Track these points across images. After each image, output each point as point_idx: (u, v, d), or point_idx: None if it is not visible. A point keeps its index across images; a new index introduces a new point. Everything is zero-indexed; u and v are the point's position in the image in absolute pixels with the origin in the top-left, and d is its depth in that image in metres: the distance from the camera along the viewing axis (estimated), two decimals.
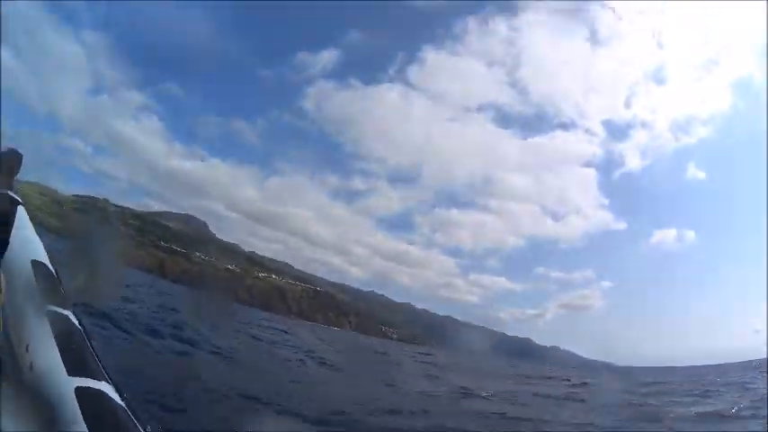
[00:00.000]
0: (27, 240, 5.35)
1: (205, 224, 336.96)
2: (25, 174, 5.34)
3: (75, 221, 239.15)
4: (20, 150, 4.89)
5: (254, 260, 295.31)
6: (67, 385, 3.35)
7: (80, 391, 3.32)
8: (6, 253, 4.69)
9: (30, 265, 4.84)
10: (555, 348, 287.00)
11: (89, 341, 4.13)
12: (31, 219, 5.70)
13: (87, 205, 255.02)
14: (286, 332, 52.41)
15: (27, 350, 3.88)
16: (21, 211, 5.45)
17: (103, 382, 3.48)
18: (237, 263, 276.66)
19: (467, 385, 26.95)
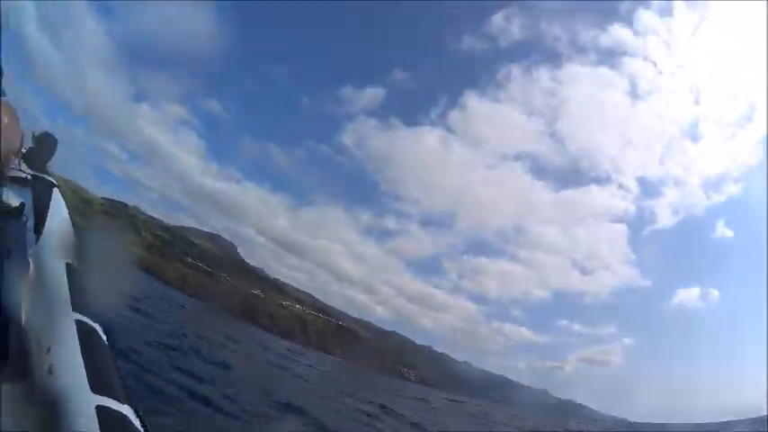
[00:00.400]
0: (63, 237, 5.03)
1: (233, 246, 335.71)
2: (55, 167, 5.22)
3: (101, 223, 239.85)
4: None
5: (279, 287, 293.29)
6: (89, 402, 3.21)
7: (101, 411, 3.15)
8: (40, 241, 4.41)
9: (64, 265, 4.55)
10: (570, 402, 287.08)
11: (114, 360, 3.89)
12: None
13: (116, 209, 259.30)
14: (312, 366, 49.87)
15: (48, 352, 3.63)
16: (57, 195, 5.27)
17: (126, 406, 3.36)
18: (262, 288, 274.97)
19: None
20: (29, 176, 4.40)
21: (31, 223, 3.69)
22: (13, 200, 1.59)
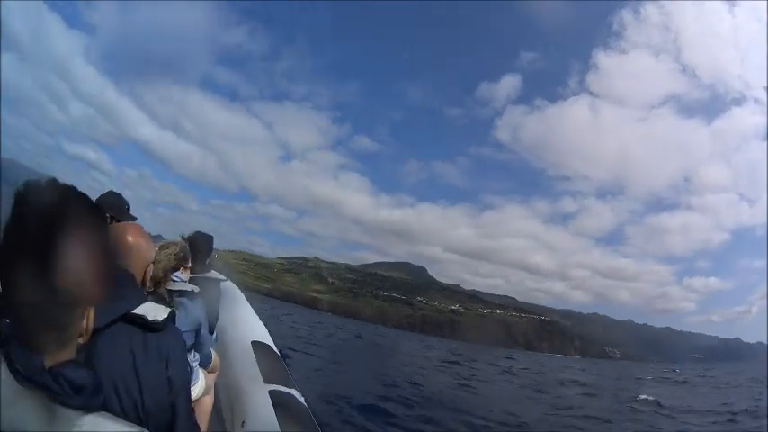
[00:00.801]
0: (244, 319, 6.07)
1: (423, 269, 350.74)
2: (224, 244, 5.30)
3: (284, 282, 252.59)
4: (210, 233, 5.17)
5: (477, 297, 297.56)
6: None
7: None
8: (221, 333, 5.27)
9: (249, 345, 5.38)
10: (759, 344, 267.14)
11: (315, 419, 4.37)
12: (237, 284, 6.51)
13: (297, 265, 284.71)
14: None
15: (243, 426, 4.16)
16: (232, 289, 6.29)
17: None
18: (461, 302, 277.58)
19: None
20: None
21: (207, 333, 3.99)
22: (161, 312, 1.71)
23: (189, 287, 3.90)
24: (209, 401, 4.28)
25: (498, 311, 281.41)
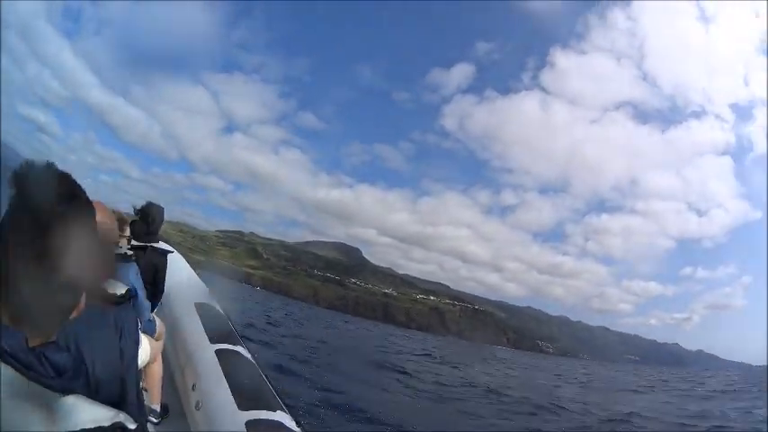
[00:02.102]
0: (188, 285, 6.18)
1: (358, 250, 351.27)
2: (166, 214, 5.50)
3: (219, 255, 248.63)
4: (158, 202, 5.23)
5: (410, 283, 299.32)
6: (237, 419, 3.55)
7: (252, 424, 3.47)
8: (166, 299, 5.34)
9: (193, 307, 5.52)
10: (699, 352, 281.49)
11: (263, 373, 4.51)
12: None
13: (232, 239, 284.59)
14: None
15: (193, 389, 4.28)
16: (176, 257, 6.31)
17: (279, 412, 3.76)
18: (394, 286, 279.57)
19: None
20: (142, 249, 4.65)
21: (143, 299, 3.95)
22: (120, 287, 1.64)
23: (122, 251, 3.94)
24: (157, 368, 4.24)
25: (432, 298, 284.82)
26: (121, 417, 0.99)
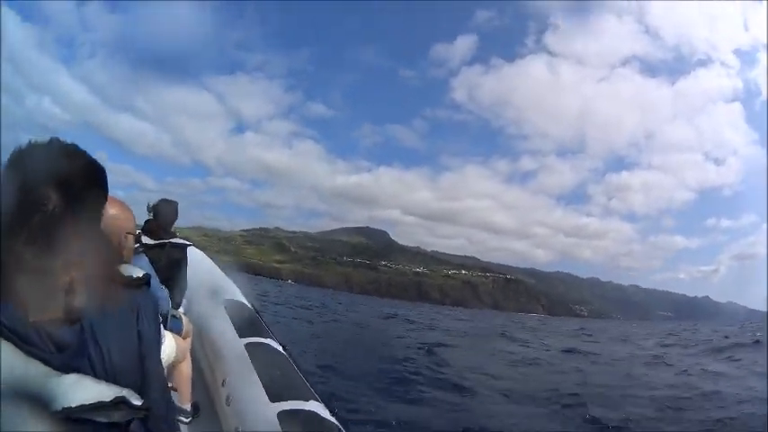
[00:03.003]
0: (212, 281, 6.18)
1: (384, 232, 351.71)
2: (182, 221, 5.52)
3: (246, 254, 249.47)
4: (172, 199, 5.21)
5: (439, 259, 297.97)
6: (268, 411, 3.58)
7: (284, 415, 3.48)
8: (191, 297, 5.36)
9: (220, 303, 5.51)
10: (731, 303, 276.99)
11: (294, 364, 4.48)
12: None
13: (257, 237, 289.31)
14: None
15: (223, 385, 4.28)
16: (197, 253, 6.38)
17: (312, 402, 3.75)
18: (424, 264, 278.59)
19: None
20: (160, 247, 4.69)
21: (158, 287, 3.87)
22: (137, 272, 1.68)
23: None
24: (186, 368, 4.31)
25: (463, 272, 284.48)
26: (125, 393, 0.99)
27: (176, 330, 4.04)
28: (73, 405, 0.89)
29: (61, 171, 0.96)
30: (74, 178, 0.95)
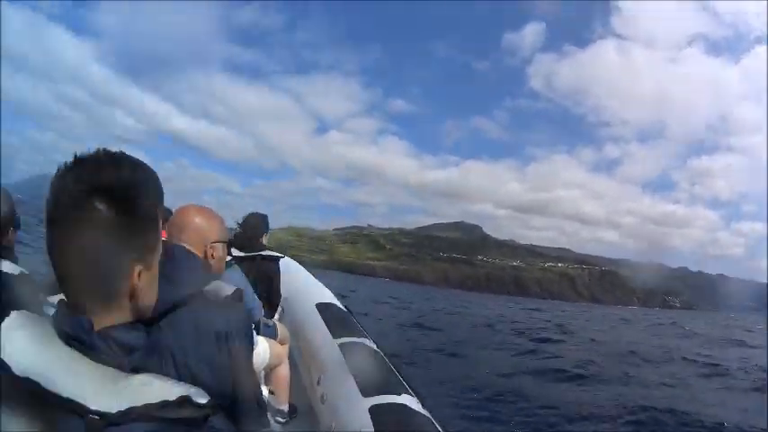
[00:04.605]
0: (305, 286, 6.35)
1: (478, 227, 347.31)
2: (274, 222, 5.81)
3: (341, 252, 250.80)
4: (266, 212, 5.29)
5: (535, 252, 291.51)
6: (360, 406, 3.66)
7: (376, 409, 3.57)
8: (286, 304, 5.50)
9: (314, 307, 5.60)
10: None
11: (388, 361, 4.56)
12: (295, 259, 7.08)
13: (352, 235, 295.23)
14: None
15: (318, 383, 4.45)
16: (290, 262, 6.55)
17: (404, 395, 3.80)
18: (520, 257, 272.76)
19: None
20: (251, 260, 4.80)
21: (251, 298, 3.80)
22: (226, 289, 1.81)
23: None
24: (283, 371, 4.36)
25: (559, 265, 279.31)
26: (192, 391, 0.99)
27: (271, 337, 3.91)
28: (138, 405, 0.90)
29: (109, 179, 0.97)
30: (122, 185, 0.99)
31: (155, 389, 0.95)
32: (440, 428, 3.42)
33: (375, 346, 4.83)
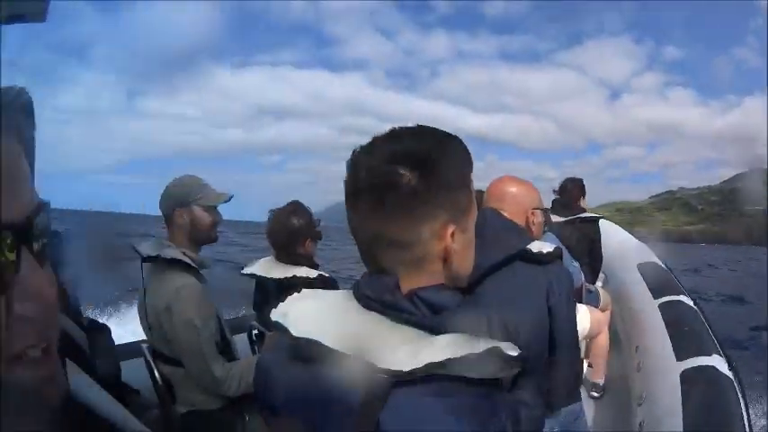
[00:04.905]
0: (625, 248, 6.04)
1: None
2: (592, 199, 5.78)
3: (657, 221, 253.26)
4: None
5: None
6: (672, 370, 3.45)
7: (686, 373, 3.35)
8: (606, 268, 5.26)
9: (635, 268, 5.37)
10: None
11: (704, 318, 4.14)
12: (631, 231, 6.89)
13: (665, 201, 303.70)
14: None
15: (636, 351, 4.12)
16: (607, 223, 6.09)
17: (714, 356, 3.50)
18: None
19: None
20: (570, 223, 4.76)
21: (569, 262, 3.53)
22: (547, 247, 1.74)
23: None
24: (602, 341, 4.28)
25: None
26: (503, 345, 0.90)
27: (593, 304, 3.83)
28: (440, 360, 0.85)
29: (409, 146, 0.97)
30: (423, 150, 0.96)
31: (459, 346, 0.90)
32: (739, 392, 3.06)
33: (693, 304, 4.39)
